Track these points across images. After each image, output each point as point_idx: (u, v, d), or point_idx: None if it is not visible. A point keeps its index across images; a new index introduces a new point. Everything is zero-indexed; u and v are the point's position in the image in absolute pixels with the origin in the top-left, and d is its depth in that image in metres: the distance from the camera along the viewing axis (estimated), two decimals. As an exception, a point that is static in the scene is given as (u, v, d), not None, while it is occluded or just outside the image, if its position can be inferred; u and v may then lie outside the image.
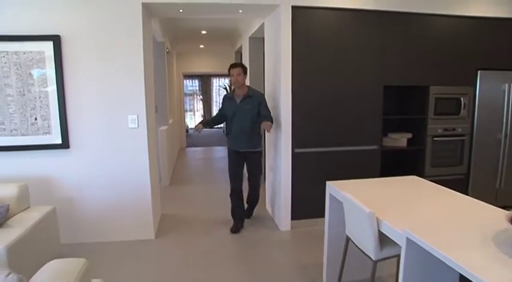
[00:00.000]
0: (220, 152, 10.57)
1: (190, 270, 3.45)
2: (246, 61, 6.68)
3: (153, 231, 4.20)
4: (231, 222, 4.49)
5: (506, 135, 4.88)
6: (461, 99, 4.65)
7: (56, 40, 3.69)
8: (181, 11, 4.32)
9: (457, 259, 1.49)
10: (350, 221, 2.47)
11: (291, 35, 4.09)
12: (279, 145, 4.36)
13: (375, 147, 4.43)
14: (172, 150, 8.05)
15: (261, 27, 5.17)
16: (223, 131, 14.84)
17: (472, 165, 4.87)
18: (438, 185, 2.85)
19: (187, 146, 11.38)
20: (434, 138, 4.65)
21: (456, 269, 1.48)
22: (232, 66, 4.18)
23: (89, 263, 1.91)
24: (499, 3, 4.62)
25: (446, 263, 1.53)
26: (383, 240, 2.20)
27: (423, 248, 1.69)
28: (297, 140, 4.24)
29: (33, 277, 1.67)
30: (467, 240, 1.68)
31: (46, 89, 3.74)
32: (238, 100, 4.21)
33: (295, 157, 4.26)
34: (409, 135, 4.73)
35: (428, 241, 1.66)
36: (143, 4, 3.84)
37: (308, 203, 4.29)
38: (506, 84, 4.78)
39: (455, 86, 4.63)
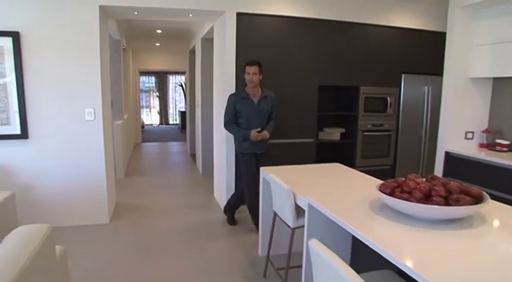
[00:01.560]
0: (175, 147, 10.90)
1: (141, 250, 3.85)
2: (198, 61, 7.09)
3: (108, 217, 4.54)
4: (181, 209, 4.91)
5: (426, 132, 5.57)
6: (388, 98, 5.29)
7: (15, 36, 3.95)
8: (136, 13, 4.67)
9: (339, 215, 1.99)
10: (275, 197, 2.96)
11: (236, 38, 4.55)
12: (223, 137, 4.80)
13: (310, 140, 4.99)
14: (128, 144, 8.32)
15: (212, 29, 5.59)
16: (179, 127, 15.12)
17: (398, 157, 5.53)
18: (353, 169, 3.41)
19: (143, 141, 11.61)
20: (364, 133, 5.27)
21: (336, 222, 1.98)
22: (250, 63, 4.01)
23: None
24: (420, 17, 5.31)
25: (330, 218, 2.04)
26: (299, 212, 2.69)
27: (321, 212, 2.20)
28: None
29: (5, 238, 2.02)
30: (351, 205, 2.19)
31: (4, 81, 4.00)
32: (255, 100, 4.10)
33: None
34: (342, 130, 5.32)
35: (322, 204, 2.17)
36: (100, 6, 4.17)
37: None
38: (426, 87, 5.48)
39: (382, 87, 5.26)
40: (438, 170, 4.46)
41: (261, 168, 3.48)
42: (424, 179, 2.08)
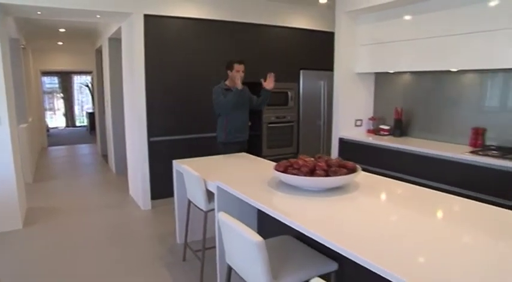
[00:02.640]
0: (85, 149, 10.62)
1: (60, 251, 3.89)
2: (106, 60, 7.07)
3: (21, 222, 4.46)
4: (97, 209, 4.99)
5: (324, 122, 6.21)
6: (289, 92, 5.82)
7: None
8: (39, 13, 4.62)
9: (243, 192, 2.35)
10: (188, 186, 3.26)
11: (144, 38, 4.72)
12: (135, 135, 4.96)
13: (219, 134, 5.33)
14: (33, 149, 7.99)
15: (120, 29, 5.66)
16: (87, 129, 14.63)
17: (300, 146, 6.10)
18: (257, 157, 3.83)
19: (50, 145, 11.11)
20: (269, 125, 5.75)
21: (241, 198, 2.34)
22: (240, 62, 4.31)
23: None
24: (314, 19, 5.93)
25: (236, 196, 2.39)
26: (210, 197, 3.00)
27: (228, 192, 2.54)
28: (152, 130, 4.91)
29: None
30: (253, 184, 2.57)
31: None
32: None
33: (151, 145, 4.92)
34: (249, 123, 5.72)
35: (228, 185, 2.51)
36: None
37: (166, 184, 4.95)
38: (322, 82, 6.10)
39: (283, 82, 5.77)
40: (334, 154, 5.05)
41: (174, 161, 3.74)
42: (312, 158, 2.52)
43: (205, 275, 3.23)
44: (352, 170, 2.37)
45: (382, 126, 4.92)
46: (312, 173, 2.30)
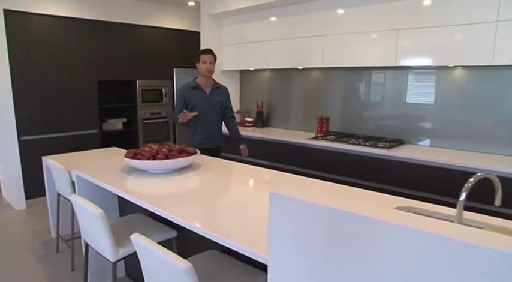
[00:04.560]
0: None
1: None
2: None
3: None
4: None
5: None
6: (163, 90, 6.18)
7: None
8: None
9: (96, 178, 2.68)
10: (56, 179, 3.47)
11: (7, 34, 4.67)
12: (3, 135, 4.96)
13: (94, 131, 5.53)
14: None
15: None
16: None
17: (177, 140, 6.49)
18: (122, 150, 4.13)
19: None
20: (144, 121, 6.06)
21: (94, 182, 2.68)
22: (205, 52, 3.80)
23: None
24: (184, 19, 6.35)
25: (92, 182, 2.72)
26: (77, 186, 3.28)
27: (86, 179, 2.85)
28: (24, 129, 4.91)
29: None
30: (108, 171, 2.91)
31: None
32: (207, 91, 3.88)
33: (23, 144, 4.93)
34: (124, 120, 6.01)
35: (84, 173, 2.83)
36: None
37: (41, 182, 5.01)
38: (195, 79, 6.55)
39: (157, 80, 6.11)
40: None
41: (43, 158, 3.90)
42: (161, 146, 2.94)
43: (77, 262, 3.49)
44: (192, 154, 2.85)
45: (247, 119, 5.52)
46: (154, 157, 2.72)
